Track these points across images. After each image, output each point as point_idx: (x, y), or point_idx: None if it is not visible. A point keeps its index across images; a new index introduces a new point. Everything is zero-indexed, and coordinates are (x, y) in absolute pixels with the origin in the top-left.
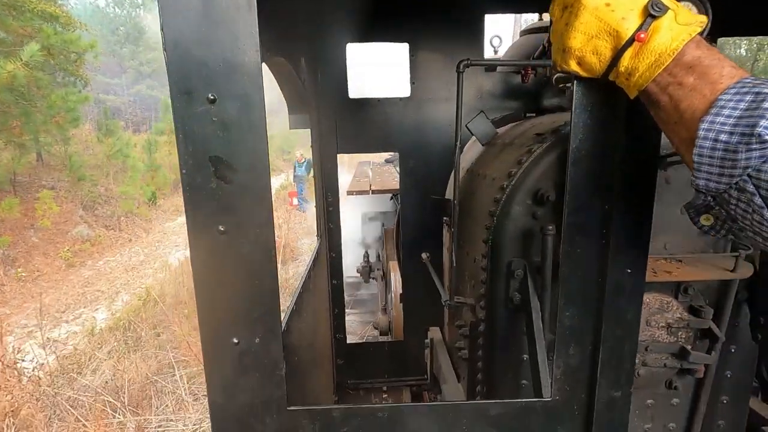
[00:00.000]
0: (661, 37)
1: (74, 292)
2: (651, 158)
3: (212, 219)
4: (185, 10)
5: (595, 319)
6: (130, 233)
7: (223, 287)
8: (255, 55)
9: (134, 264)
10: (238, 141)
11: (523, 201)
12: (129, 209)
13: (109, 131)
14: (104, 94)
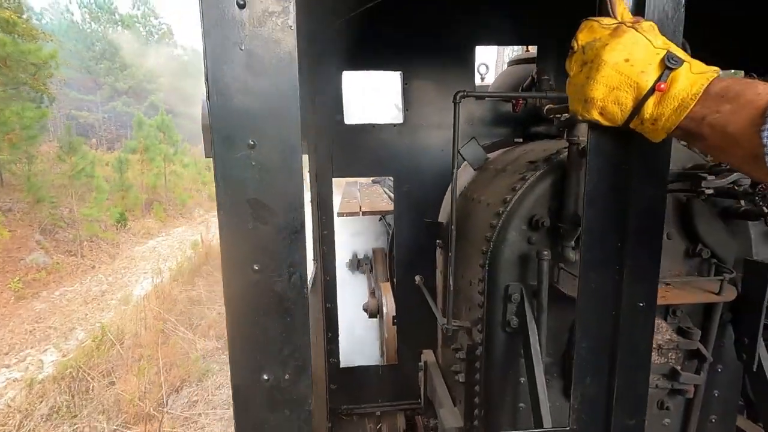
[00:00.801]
0: (681, 84)
1: (22, 329)
2: (660, 197)
3: (247, 258)
4: (230, 62)
5: (610, 350)
6: (93, 259)
7: (256, 325)
8: (294, 103)
9: (95, 295)
10: (275, 184)
11: (518, 226)
12: (93, 233)
13: (73, 149)
14: (77, 111)
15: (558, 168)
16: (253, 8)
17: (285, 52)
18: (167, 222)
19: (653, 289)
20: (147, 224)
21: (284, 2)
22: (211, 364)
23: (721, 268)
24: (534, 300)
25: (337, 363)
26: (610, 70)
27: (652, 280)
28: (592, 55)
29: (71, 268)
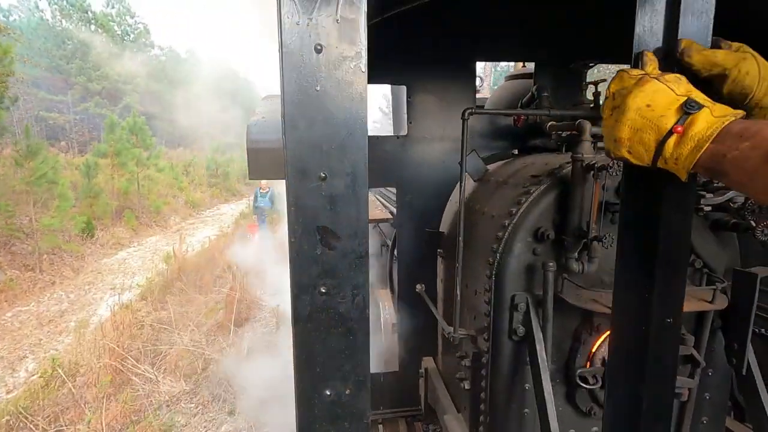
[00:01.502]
0: (698, 127)
1: None
2: (686, 224)
3: (315, 281)
4: (306, 102)
5: (639, 362)
6: (53, 274)
7: (321, 343)
8: (363, 139)
9: (52, 315)
10: (342, 212)
11: (524, 238)
12: (55, 245)
13: (32, 152)
14: (46, 112)
15: (561, 182)
16: (330, 53)
17: (356, 93)
18: (140, 231)
19: (679, 306)
20: (117, 234)
21: (357, 48)
22: (175, 415)
23: (712, 277)
24: (539, 309)
25: None
26: (634, 113)
27: (679, 298)
28: (619, 101)
29: (27, 284)
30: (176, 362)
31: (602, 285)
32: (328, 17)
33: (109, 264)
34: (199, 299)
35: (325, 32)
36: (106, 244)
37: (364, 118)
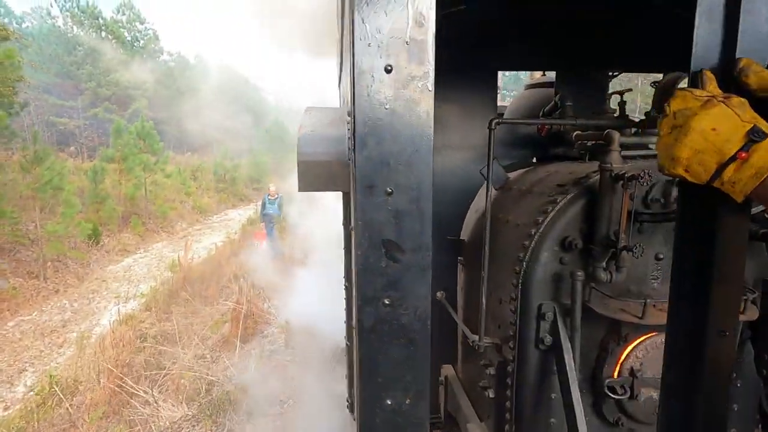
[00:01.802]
0: (760, 156)
1: None
2: (741, 238)
3: (380, 293)
4: (376, 119)
5: (694, 375)
6: (58, 282)
7: (383, 354)
8: (428, 155)
9: (55, 325)
10: (407, 226)
11: (551, 247)
12: (60, 252)
13: (39, 158)
14: (56, 117)
15: (588, 192)
16: (399, 73)
17: (423, 111)
18: (146, 237)
19: (734, 318)
20: (123, 240)
21: (425, 68)
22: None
23: (744, 289)
24: (567, 318)
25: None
26: (698, 135)
27: (734, 310)
28: (681, 121)
29: (31, 293)
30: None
31: (629, 294)
32: (398, 39)
33: (115, 271)
34: (204, 311)
35: (395, 53)
36: (112, 250)
37: (430, 136)
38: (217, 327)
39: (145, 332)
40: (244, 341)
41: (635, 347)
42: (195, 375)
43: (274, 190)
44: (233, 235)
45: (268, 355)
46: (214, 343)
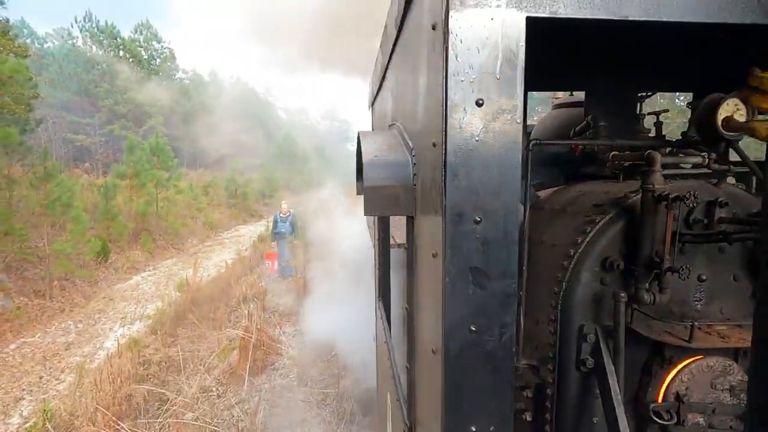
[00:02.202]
0: None
1: None
2: None
3: (466, 319)
4: (466, 150)
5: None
6: (64, 301)
7: (469, 380)
8: (516, 184)
9: (58, 348)
10: (493, 254)
11: (591, 268)
12: (67, 270)
13: (49, 174)
14: (74, 134)
15: (628, 212)
16: (489, 106)
17: (511, 142)
18: (156, 254)
19: None
20: (132, 257)
21: (514, 101)
22: None
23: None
24: (609, 340)
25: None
26: None
27: None
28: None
29: (36, 312)
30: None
31: (672, 316)
32: (489, 74)
33: (122, 290)
34: (211, 336)
35: (486, 88)
36: (121, 268)
37: (517, 165)
38: (225, 355)
39: (150, 358)
40: (252, 374)
41: (680, 371)
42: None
43: (286, 207)
44: (244, 252)
45: (279, 392)
46: (221, 373)
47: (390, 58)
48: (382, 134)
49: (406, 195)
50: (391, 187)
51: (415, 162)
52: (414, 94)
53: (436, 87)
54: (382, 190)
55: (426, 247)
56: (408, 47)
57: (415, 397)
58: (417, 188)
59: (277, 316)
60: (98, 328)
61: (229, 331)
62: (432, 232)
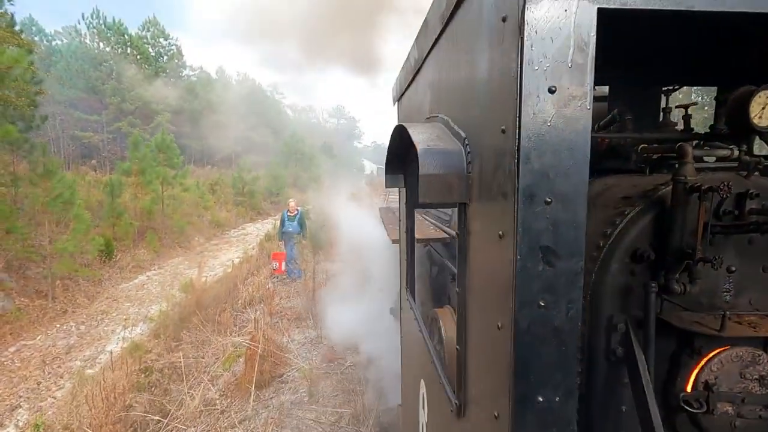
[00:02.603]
0: None
1: None
2: None
3: (535, 296)
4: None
5: None
6: (66, 302)
7: (536, 353)
8: (584, 168)
9: (58, 351)
10: (562, 233)
11: (621, 259)
12: (70, 269)
13: (49, 171)
14: (81, 131)
15: (658, 203)
16: (561, 93)
17: (581, 127)
18: (162, 252)
19: None
20: (138, 256)
21: (584, 89)
22: None
23: None
24: (640, 331)
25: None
26: None
27: None
28: None
29: (37, 314)
30: None
31: (701, 307)
32: (561, 63)
33: (127, 290)
34: (216, 341)
35: (558, 76)
36: (126, 267)
37: (586, 149)
38: (229, 362)
39: (152, 365)
40: (259, 386)
41: (709, 361)
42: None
43: (294, 205)
44: (251, 251)
45: (288, 409)
46: (225, 384)
47: (429, 52)
48: (427, 126)
49: (460, 183)
50: (444, 175)
51: (469, 150)
52: (470, 86)
53: (507, 76)
54: (436, 179)
55: (487, 230)
56: (461, 41)
57: (468, 375)
58: (472, 176)
59: (285, 321)
60: (100, 330)
61: (234, 338)
62: (497, 215)
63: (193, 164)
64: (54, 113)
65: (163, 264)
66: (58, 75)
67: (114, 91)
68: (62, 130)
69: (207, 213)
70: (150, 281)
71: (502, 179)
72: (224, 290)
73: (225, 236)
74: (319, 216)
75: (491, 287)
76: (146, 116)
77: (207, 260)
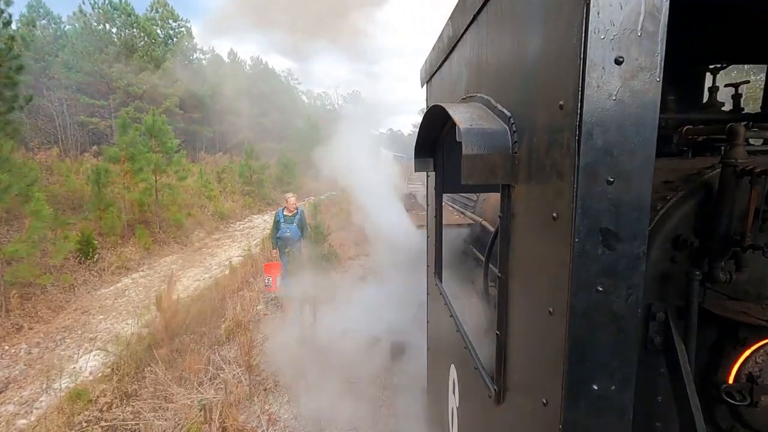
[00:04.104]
0: None
1: None
2: None
3: (593, 280)
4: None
5: None
6: (23, 316)
7: (593, 339)
8: (651, 146)
9: None
10: (624, 215)
11: (661, 245)
12: (28, 276)
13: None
14: (88, 117)
15: (703, 188)
16: (629, 64)
17: (649, 101)
18: (153, 250)
19: None
20: (125, 254)
21: (655, 59)
22: None
23: None
24: (680, 320)
25: None
26: None
27: None
28: None
29: None
30: None
31: (747, 296)
32: (630, 31)
33: (104, 297)
34: (180, 396)
35: (626, 45)
36: (108, 268)
37: (654, 126)
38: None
39: (97, 420)
40: None
41: (754, 352)
42: None
43: (293, 201)
44: (254, 248)
45: None
46: None
47: (467, 28)
48: (467, 105)
49: (505, 163)
50: (489, 156)
51: (515, 130)
52: (519, 61)
53: (567, 47)
54: (480, 159)
55: (537, 212)
56: (508, 12)
57: (509, 362)
58: (518, 156)
59: (271, 383)
60: (56, 356)
61: (206, 384)
62: (551, 196)
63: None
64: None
65: (154, 263)
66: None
67: (121, 75)
68: (69, 116)
69: (210, 204)
70: (134, 285)
71: (559, 158)
72: (209, 308)
73: (229, 229)
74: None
75: (541, 271)
76: (154, 100)
77: (204, 258)
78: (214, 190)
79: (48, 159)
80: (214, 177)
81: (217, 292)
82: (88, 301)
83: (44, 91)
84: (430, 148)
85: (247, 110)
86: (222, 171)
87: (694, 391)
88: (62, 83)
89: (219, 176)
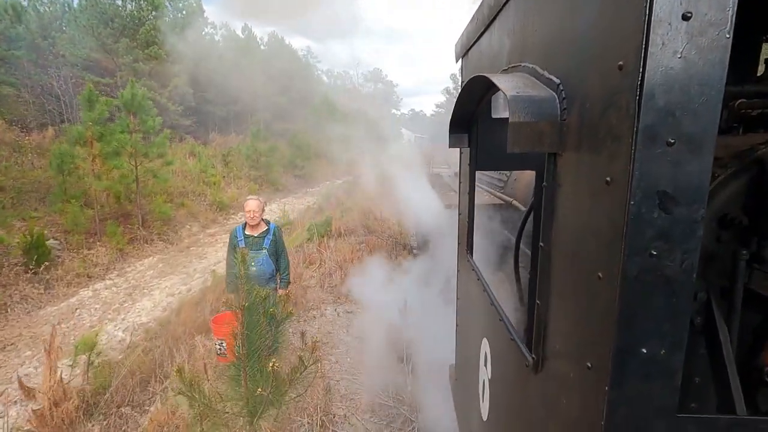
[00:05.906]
0: None
1: None
2: None
3: (647, 244)
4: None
5: None
6: None
7: (645, 302)
8: (717, 106)
9: None
10: (683, 178)
11: (708, 224)
12: None
13: None
14: None
15: (755, 165)
16: (697, 20)
17: (718, 60)
18: (128, 251)
19: None
20: (90, 257)
21: (726, 14)
22: None
23: None
24: (722, 301)
25: None
26: None
27: None
28: None
29: None
30: None
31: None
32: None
33: (47, 318)
34: None
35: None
36: (64, 277)
37: (721, 86)
38: None
39: None
40: None
41: None
42: None
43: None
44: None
45: None
46: None
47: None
48: (511, 75)
49: (552, 131)
50: (536, 123)
51: (564, 96)
52: (572, 24)
53: (629, 4)
54: (527, 126)
55: (588, 178)
56: None
57: (549, 330)
58: (567, 123)
59: None
60: None
61: None
62: (604, 161)
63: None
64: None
65: (127, 268)
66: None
67: (127, 50)
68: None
69: (209, 191)
70: (93, 300)
71: (615, 121)
72: (148, 362)
73: (228, 222)
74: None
75: (590, 238)
76: (162, 78)
77: (190, 261)
78: (216, 175)
79: (44, 140)
80: (219, 160)
81: (166, 337)
82: (24, 324)
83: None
84: (465, 124)
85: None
86: (228, 153)
87: (735, 373)
88: (68, 60)
89: (225, 159)
